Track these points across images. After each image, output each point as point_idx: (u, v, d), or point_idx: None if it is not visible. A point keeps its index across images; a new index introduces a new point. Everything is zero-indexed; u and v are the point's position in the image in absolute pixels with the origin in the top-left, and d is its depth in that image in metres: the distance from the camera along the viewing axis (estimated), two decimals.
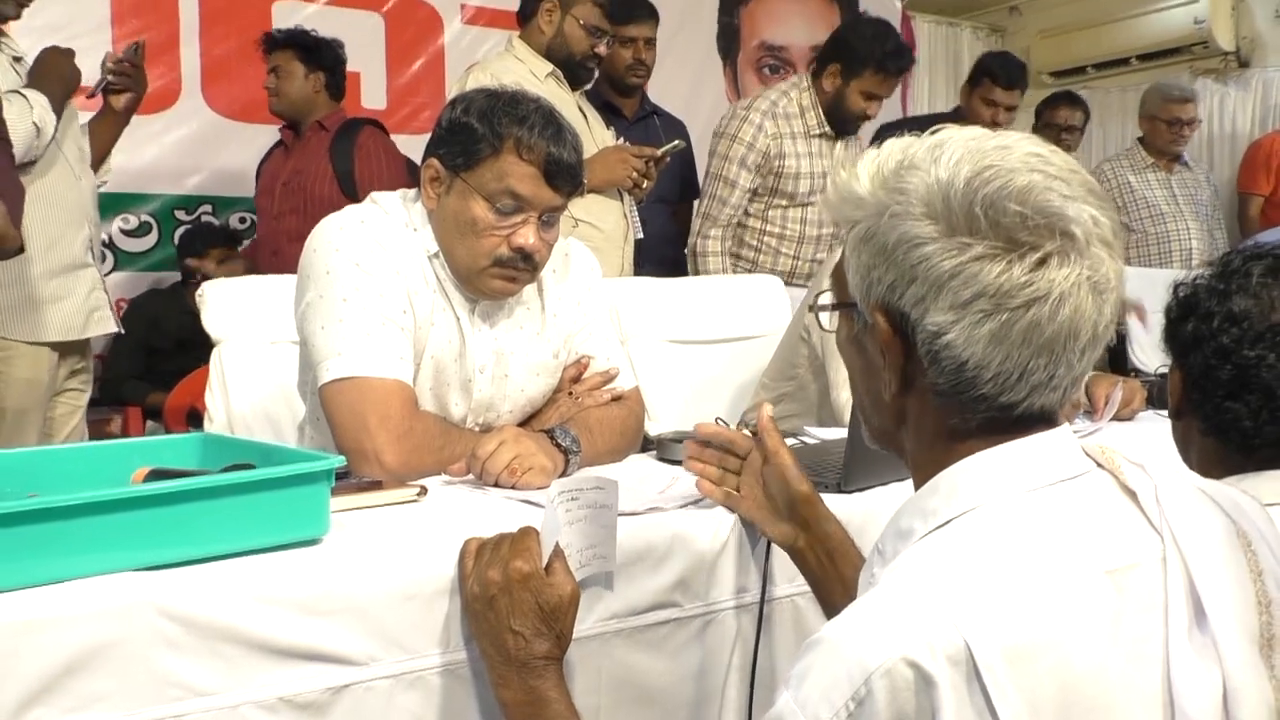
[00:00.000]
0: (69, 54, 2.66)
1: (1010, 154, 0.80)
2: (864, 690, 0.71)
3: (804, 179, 3.19)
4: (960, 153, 0.81)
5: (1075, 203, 0.79)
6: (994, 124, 4.05)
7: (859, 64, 3.11)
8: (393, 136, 4.41)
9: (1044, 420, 0.84)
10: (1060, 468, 0.82)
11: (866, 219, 0.84)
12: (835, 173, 0.87)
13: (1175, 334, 1.28)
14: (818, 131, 3.21)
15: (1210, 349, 1.21)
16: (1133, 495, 0.82)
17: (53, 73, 2.60)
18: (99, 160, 2.86)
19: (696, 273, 3.23)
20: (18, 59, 2.66)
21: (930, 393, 0.84)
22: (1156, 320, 1.34)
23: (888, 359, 0.85)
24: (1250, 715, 0.75)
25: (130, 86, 2.86)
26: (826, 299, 0.94)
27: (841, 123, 3.23)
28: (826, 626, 0.76)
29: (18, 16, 2.66)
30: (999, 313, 0.78)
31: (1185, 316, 1.26)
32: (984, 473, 0.82)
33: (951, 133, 0.84)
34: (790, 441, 1.84)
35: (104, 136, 2.89)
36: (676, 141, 3.04)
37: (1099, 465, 0.85)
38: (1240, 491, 0.91)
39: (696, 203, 3.34)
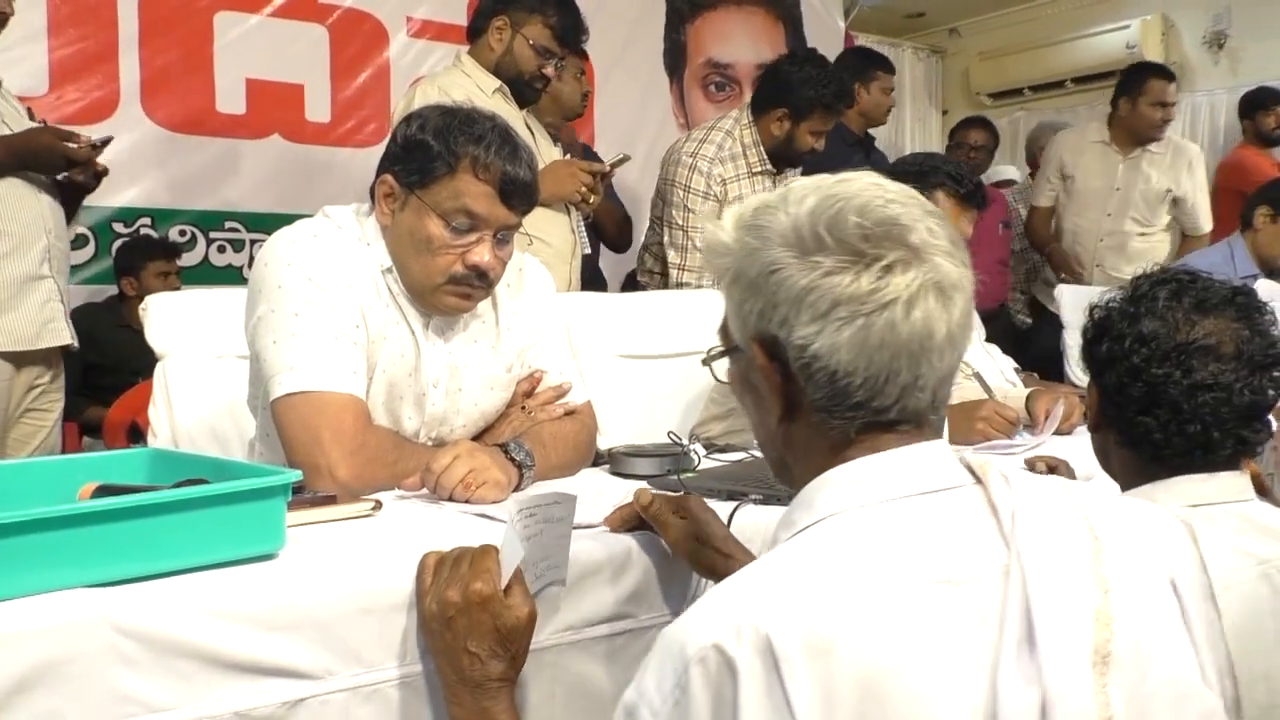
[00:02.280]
0: (62, 136, 2.61)
1: (851, 184, 0.89)
2: (685, 678, 0.76)
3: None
4: (807, 191, 0.89)
5: (912, 217, 0.86)
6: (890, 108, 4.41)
7: (807, 108, 3.19)
8: (337, 150, 4.41)
9: (916, 423, 0.89)
10: (924, 481, 0.86)
11: (734, 262, 0.91)
12: (705, 229, 0.95)
13: (1091, 353, 1.37)
14: (760, 169, 3.25)
15: (1123, 368, 1.30)
16: (995, 510, 0.85)
17: (20, 145, 2.56)
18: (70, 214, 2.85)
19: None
20: None
21: (813, 411, 0.89)
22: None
23: (768, 383, 0.90)
24: None
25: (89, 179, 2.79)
26: (715, 349, 0.99)
27: (786, 160, 3.30)
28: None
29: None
30: (856, 318, 0.84)
31: (1099, 337, 1.35)
32: (841, 485, 0.87)
33: (801, 180, 0.93)
34: (740, 456, 1.87)
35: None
36: (623, 155, 3.05)
37: (977, 480, 0.88)
38: (1167, 511, 0.94)
39: (668, 248, 3.29)
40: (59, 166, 2.64)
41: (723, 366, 0.99)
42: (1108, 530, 0.85)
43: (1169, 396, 1.26)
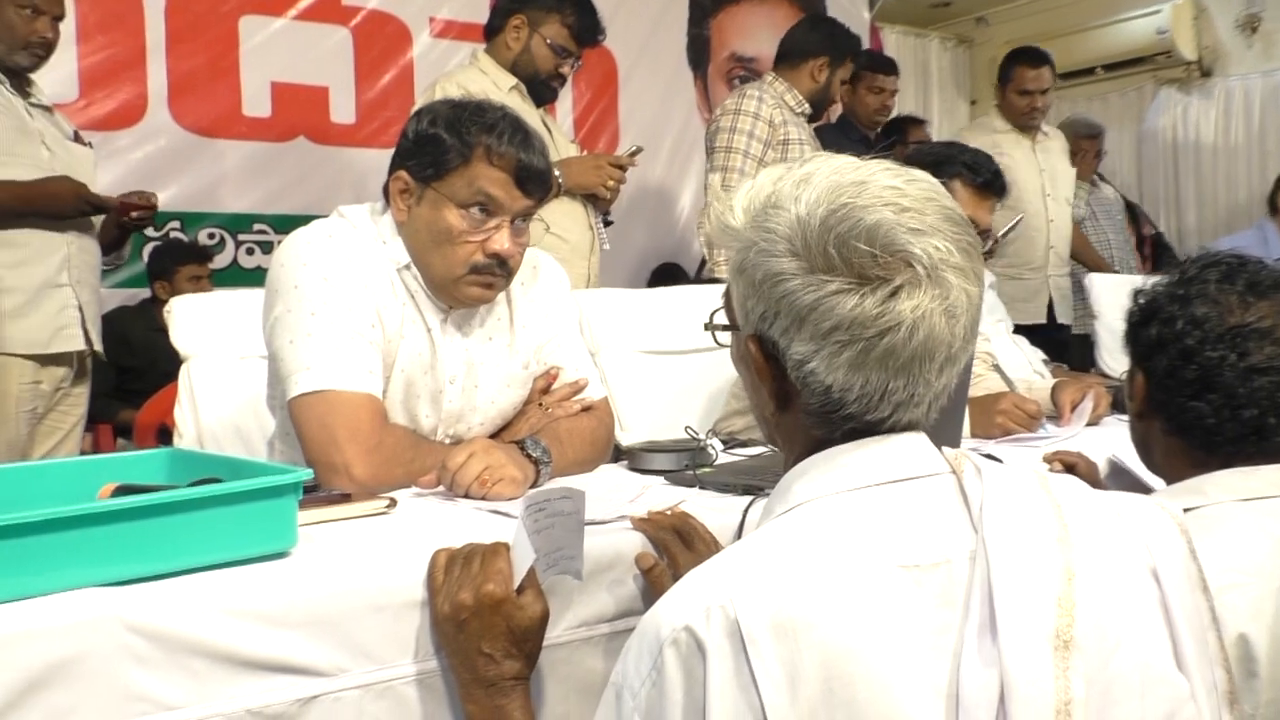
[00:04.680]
0: (78, 186, 2.73)
1: (866, 190, 0.86)
2: (660, 659, 0.79)
3: (804, 146, 3.32)
4: (821, 189, 0.87)
5: (924, 236, 0.84)
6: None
7: (841, 57, 3.46)
8: (363, 151, 4.44)
9: (908, 431, 0.90)
10: (898, 469, 0.88)
11: (740, 253, 0.91)
12: (714, 203, 0.92)
13: (1138, 337, 1.32)
14: (799, 110, 3.39)
15: (1174, 351, 1.25)
16: (966, 498, 0.87)
17: (36, 194, 2.66)
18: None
19: (712, 255, 3.28)
20: (47, 109, 2.82)
21: (803, 413, 0.90)
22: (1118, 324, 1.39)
23: (763, 383, 0.92)
24: (1024, 711, 0.77)
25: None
26: (720, 318, 1.00)
27: (819, 108, 3.48)
28: None
29: (34, 69, 2.77)
30: (855, 342, 0.84)
31: (1147, 321, 1.30)
32: (816, 473, 0.89)
33: (819, 165, 0.90)
34: (761, 450, 1.86)
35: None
36: (636, 147, 3.08)
37: (952, 470, 0.90)
38: (1159, 505, 0.92)
39: (708, 184, 3.36)
40: (74, 212, 2.73)
41: (723, 333, 1.00)
42: (1079, 520, 0.86)
43: (1223, 380, 1.22)
